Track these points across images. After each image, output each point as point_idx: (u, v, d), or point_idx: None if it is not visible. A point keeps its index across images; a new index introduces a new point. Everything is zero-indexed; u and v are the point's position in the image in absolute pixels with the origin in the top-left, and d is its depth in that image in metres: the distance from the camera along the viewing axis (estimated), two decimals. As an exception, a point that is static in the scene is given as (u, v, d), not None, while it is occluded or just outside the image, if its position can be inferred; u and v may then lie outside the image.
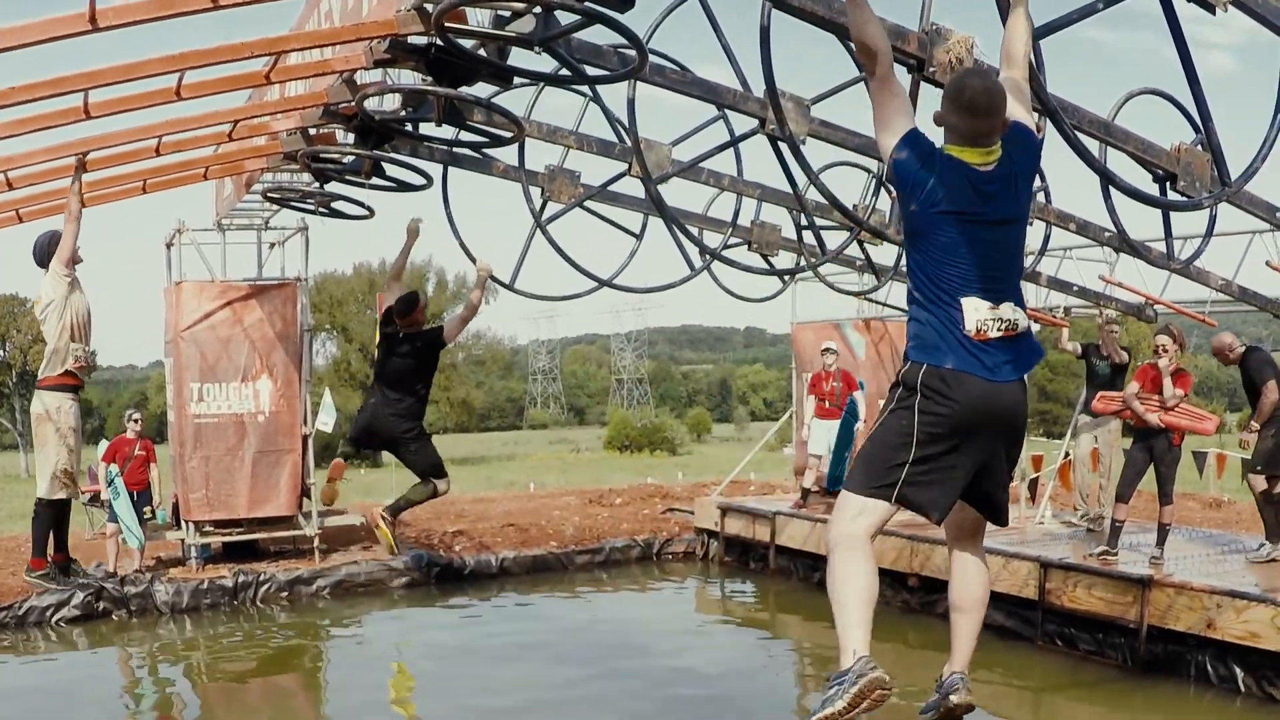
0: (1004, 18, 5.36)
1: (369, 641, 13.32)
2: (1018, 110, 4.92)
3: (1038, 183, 10.05)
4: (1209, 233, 9.72)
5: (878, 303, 17.72)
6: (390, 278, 11.23)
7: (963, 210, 4.68)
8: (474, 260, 10.89)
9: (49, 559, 12.46)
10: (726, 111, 9.40)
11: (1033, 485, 17.60)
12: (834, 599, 4.77)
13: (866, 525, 4.85)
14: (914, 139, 4.79)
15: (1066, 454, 18.01)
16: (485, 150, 10.34)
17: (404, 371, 10.55)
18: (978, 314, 4.69)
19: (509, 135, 8.91)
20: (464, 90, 7.94)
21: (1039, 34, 5.88)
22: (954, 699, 5.12)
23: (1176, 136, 7.97)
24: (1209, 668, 10.90)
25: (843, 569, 4.79)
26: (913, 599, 14.19)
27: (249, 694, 11.39)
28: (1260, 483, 12.76)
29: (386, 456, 37.81)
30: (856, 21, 4.84)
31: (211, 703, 11.06)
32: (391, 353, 10.58)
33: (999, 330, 4.72)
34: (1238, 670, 10.66)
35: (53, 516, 12.15)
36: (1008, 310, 4.75)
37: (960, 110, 4.77)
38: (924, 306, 4.83)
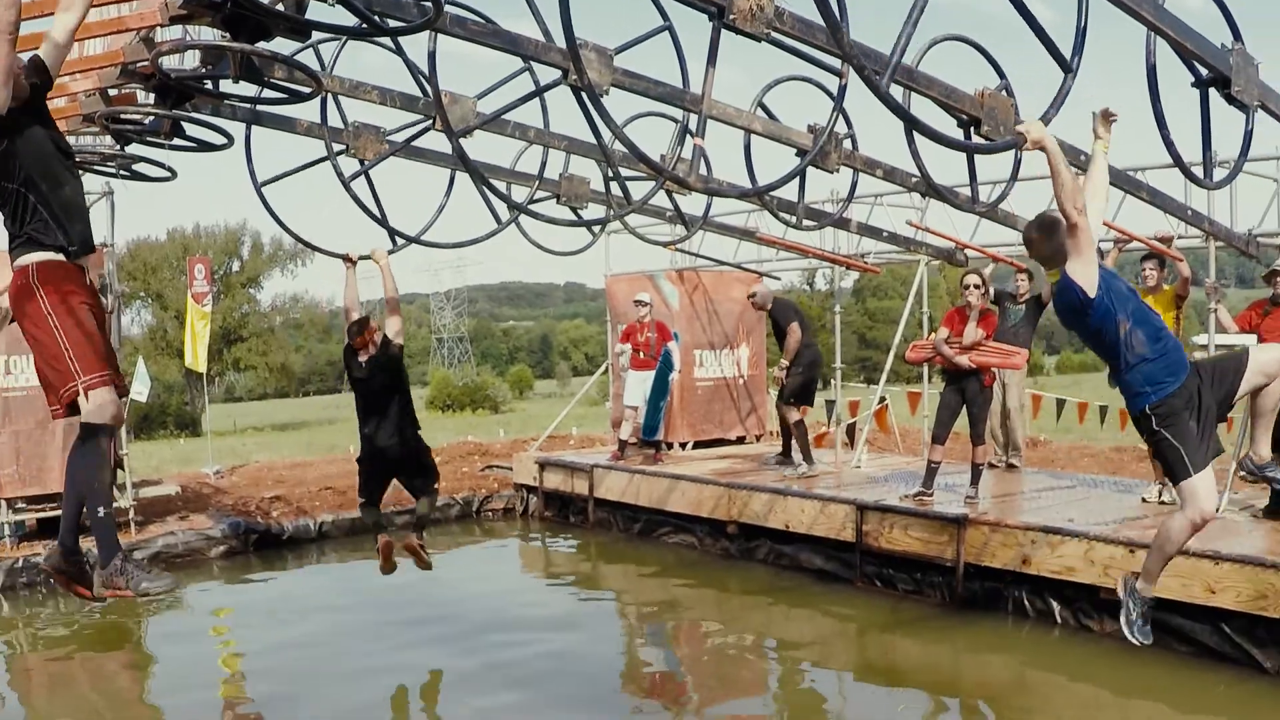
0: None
1: (189, 613, 13.12)
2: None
3: (843, 128, 10.19)
4: (1014, 176, 9.93)
5: (689, 253, 17.76)
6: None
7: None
8: (343, 257, 10.70)
9: None
10: (532, 64, 9.32)
11: (850, 430, 17.85)
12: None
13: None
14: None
15: (883, 399, 18.34)
16: (293, 106, 10.10)
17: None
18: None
19: (309, 91, 8.73)
20: (264, 46, 7.76)
21: None
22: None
23: (980, 82, 8.06)
24: (1026, 602, 11.27)
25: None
26: (732, 546, 14.33)
27: (72, 673, 11.12)
28: (793, 414, 14.82)
29: (206, 424, 37.20)
30: (1069, 190, 6.04)
31: (34, 685, 10.85)
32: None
33: None
34: (1054, 604, 11.05)
35: None
36: None
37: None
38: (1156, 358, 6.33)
